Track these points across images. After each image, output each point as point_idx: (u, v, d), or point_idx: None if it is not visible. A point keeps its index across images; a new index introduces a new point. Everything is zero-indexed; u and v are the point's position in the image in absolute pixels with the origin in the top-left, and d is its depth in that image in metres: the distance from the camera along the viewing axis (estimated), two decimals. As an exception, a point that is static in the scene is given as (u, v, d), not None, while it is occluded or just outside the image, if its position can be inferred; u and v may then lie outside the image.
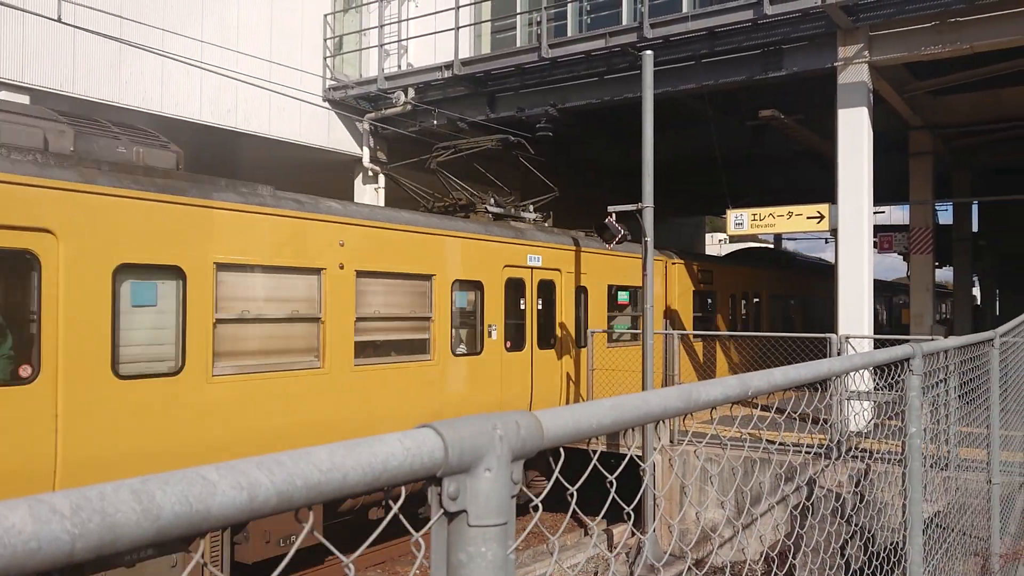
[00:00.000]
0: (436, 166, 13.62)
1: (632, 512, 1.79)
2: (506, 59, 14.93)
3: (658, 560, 10.06)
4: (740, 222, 13.55)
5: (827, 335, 10.98)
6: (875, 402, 9.15)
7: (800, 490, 8.96)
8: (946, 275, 32.50)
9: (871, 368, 3.50)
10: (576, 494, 1.52)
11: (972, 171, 21.47)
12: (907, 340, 4.89)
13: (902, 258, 24.81)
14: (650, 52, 11.44)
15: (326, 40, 16.69)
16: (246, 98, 14.80)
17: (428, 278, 10.83)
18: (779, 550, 7.91)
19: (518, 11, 16.94)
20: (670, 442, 11.28)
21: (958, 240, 22.99)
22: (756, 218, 13.39)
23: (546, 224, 14.14)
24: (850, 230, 12.22)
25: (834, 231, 12.56)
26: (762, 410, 11.45)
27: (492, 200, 13.29)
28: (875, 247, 16.22)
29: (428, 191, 13.60)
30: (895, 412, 3.64)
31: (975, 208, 25.55)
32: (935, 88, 14.47)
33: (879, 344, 11.62)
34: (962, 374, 4.91)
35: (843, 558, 3.32)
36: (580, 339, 13.51)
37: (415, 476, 0.99)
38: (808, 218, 12.86)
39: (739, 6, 12.37)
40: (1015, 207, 23.47)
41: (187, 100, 14.06)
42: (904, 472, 3.38)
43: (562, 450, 1.37)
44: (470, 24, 16.59)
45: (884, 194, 14.92)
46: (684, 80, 13.65)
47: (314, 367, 9.23)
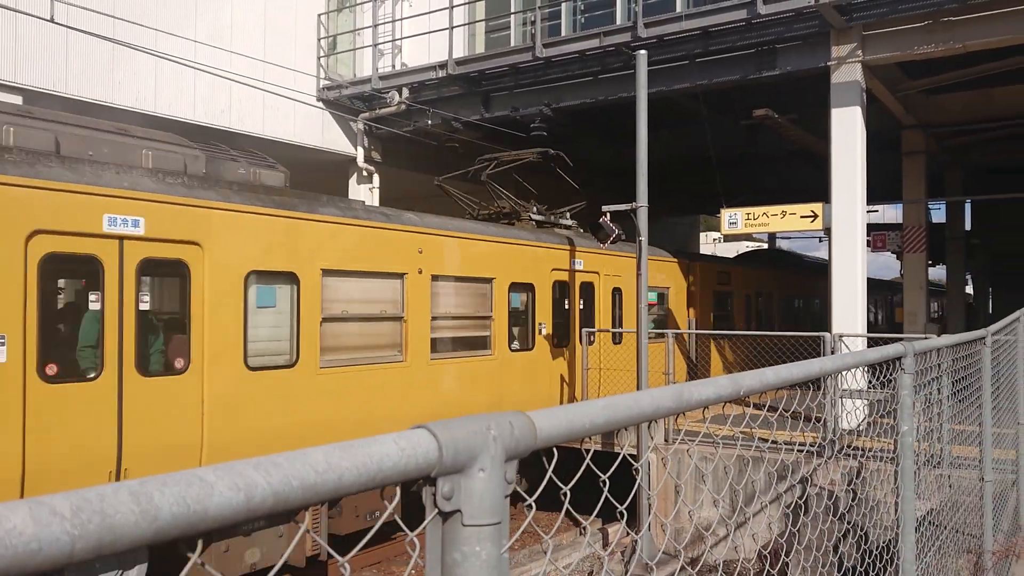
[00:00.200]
0: (486, 178, 14.43)
1: (625, 511, 1.80)
2: (500, 59, 14.93)
3: (653, 559, 10.08)
4: (734, 221, 13.59)
5: (821, 334, 11.01)
6: (868, 400, 9.18)
7: (793, 488, 8.99)
8: (939, 274, 32.59)
9: (864, 367, 3.52)
10: (570, 493, 1.53)
11: (964, 170, 21.54)
12: (900, 339, 4.91)
13: (895, 257, 24.87)
14: (644, 52, 11.46)
15: (320, 40, 16.67)
16: (240, 98, 14.78)
17: (489, 281, 12.09)
18: (773, 548, 7.93)
19: (512, 11, 16.94)
20: (664, 441, 11.31)
21: (951, 239, 23.07)
22: (750, 217, 13.42)
23: (580, 230, 14.66)
24: (843, 229, 12.25)
25: (828, 230, 12.59)
26: (755, 408, 11.47)
27: (534, 208, 14.13)
28: (868, 246, 16.24)
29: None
30: (888, 410, 3.66)
31: (968, 207, 25.65)
32: (928, 87, 14.52)
33: (872, 343, 11.66)
34: (955, 372, 4.93)
35: (836, 556, 3.34)
36: (615, 336, 14.53)
37: (410, 476, 0.99)
38: (802, 217, 12.90)
39: (733, 6, 12.39)
40: (1007, 206, 23.58)
41: (180, 100, 14.03)
42: (896, 470, 3.40)
43: (555, 450, 1.38)
44: (464, 24, 16.59)
45: (877, 193, 14.99)
46: (678, 80, 13.68)
47: (397, 360, 10.48)
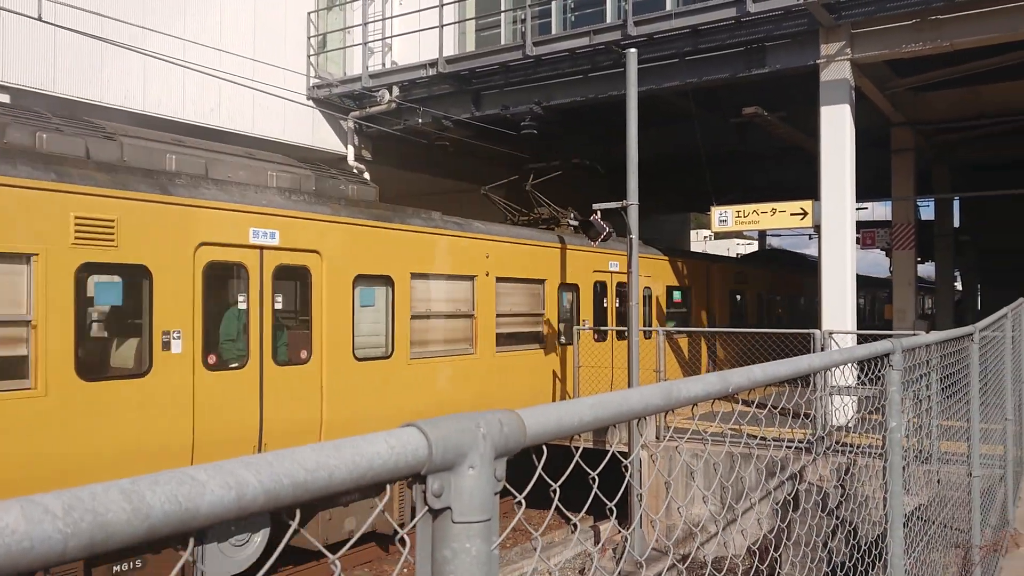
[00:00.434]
0: (530, 188, 15.31)
1: (615, 508, 1.81)
2: (490, 57, 14.92)
3: (643, 556, 10.11)
4: (724, 219, 13.63)
5: (811, 331, 11.06)
6: (857, 397, 9.23)
7: (783, 485, 9.03)
8: (928, 270, 32.73)
9: (853, 363, 3.54)
10: (560, 491, 1.54)
11: (952, 167, 21.64)
12: (889, 335, 4.94)
13: (885, 254, 24.98)
14: (634, 50, 11.48)
15: (310, 38, 16.62)
16: (229, 96, 14.73)
17: (541, 282, 13.52)
18: (763, 544, 7.97)
19: (502, 9, 16.93)
20: (655, 438, 11.34)
21: (940, 236, 23.16)
22: (740, 215, 13.46)
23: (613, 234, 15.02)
24: (833, 226, 12.30)
25: (817, 227, 12.64)
26: (744, 405, 11.51)
27: (572, 215, 14.86)
28: (858, 243, 16.32)
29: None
30: (876, 407, 3.68)
31: (956, 204, 25.75)
32: (916, 85, 14.58)
33: (862, 339, 11.72)
34: (943, 368, 4.96)
35: (825, 551, 3.36)
36: (644, 334, 15.32)
37: (400, 474, 1.00)
38: (792, 214, 12.95)
39: (722, 4, 12.41)
40: (993, 203, 23.72)
41: (170, 99, 13.98)
42: (885, 466, 3.42)
43: (544, 447, 1.39)
44: (454, 22, 16.57)
45: (866, 190, 15.04)
46: (668, 78, 13.70)
47: (469, 353, 11.91)
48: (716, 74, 13.32)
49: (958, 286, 36.23)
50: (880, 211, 35.96)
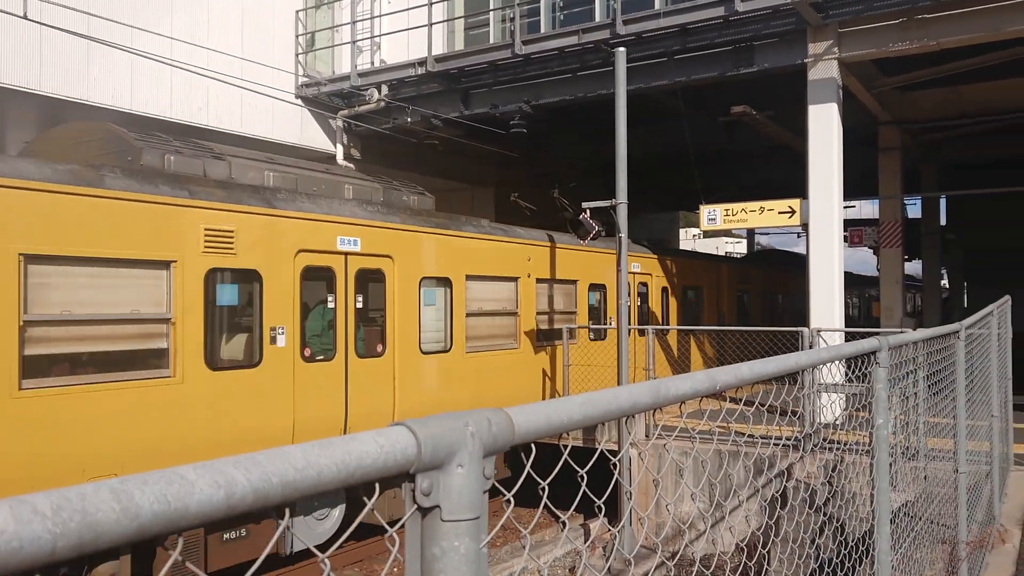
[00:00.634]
0: (557, 195, 16.31)
1: (604, 506, 1.82)
2: (479, 56, 14.91)
3: (632, 553, 10.13)
4: (713, 217, 13.66)
5: (799, 329, 11.10)
6: (845, 394, 9.28)
7: (771, 482, 9.06)
8: (916, 268, 32.88)
9: (841, 361, 3.56)
10: (548, 489, 1.54)
11: (938, 166, 21.77)
12: (876, 333, 4.97)
13: (872, 252, 25.10)
14: (623, 49, 11.50)
15: (298, 36, 16.57)
16: (217, 95, 14.67)
17: (574, 283, 14.74)
18: (751, 541, 8.01)
19: (491, 7, 16.92)
20: (644, 436, 11.36)
21: (926, 234, 23.27)
22: (729, 213, 13.50)
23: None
24: (821, 225, 12.35)
25: (805, 226, 12.69)
26: (732, 403, 11.56)
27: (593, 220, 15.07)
28: (846, 241, 16.39)
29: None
30: (864, 404, 3.70)
31: (943, 202, 25.89)
32: (902, 84, 14.66)
33: (850, 337, 11.77)
34: (930, 366, 4.99)
35: (813, 547, 3.38)
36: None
37: (389, 473, 1.00)
38: (780, 213, 12.99)
39: (710, 3, 12.45)
40: (973, 202, 23.87)
41: (157, 98, 13.91)
42: (872, 463, 3.44)
43: (533, 446, 1.39)
44: (443, 21, 16.56)
45: (854, 189, 15.12)
46: (656, 76, 13.73)
47: (513, 348, 13.15)
48: (704, 73, 13.36)
49: (945, 284, 36.41)
50: (868, 209, 36.19)
